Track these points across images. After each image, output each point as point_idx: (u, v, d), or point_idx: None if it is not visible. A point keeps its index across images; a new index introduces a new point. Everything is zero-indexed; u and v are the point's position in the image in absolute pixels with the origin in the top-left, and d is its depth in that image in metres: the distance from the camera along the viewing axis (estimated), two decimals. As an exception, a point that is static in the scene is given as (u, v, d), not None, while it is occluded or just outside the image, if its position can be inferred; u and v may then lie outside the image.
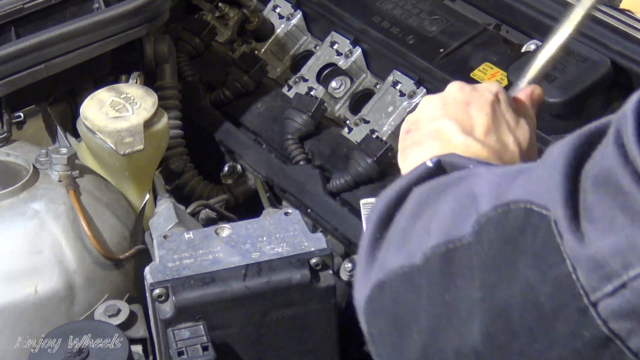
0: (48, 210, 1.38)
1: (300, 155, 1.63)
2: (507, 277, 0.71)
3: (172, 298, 1.21)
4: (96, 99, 1.52)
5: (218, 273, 1.22)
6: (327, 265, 1.26)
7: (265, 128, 1.72)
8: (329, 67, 1.73)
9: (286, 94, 1.74)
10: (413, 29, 1.65)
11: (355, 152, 1.56)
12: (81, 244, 1.38)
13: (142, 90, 1.55)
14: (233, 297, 1.22)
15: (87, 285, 1.37)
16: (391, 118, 1.60)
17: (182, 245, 1.26)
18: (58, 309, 1.35)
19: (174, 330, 1.21)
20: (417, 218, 0.83)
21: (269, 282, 1.23)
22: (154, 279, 1.21)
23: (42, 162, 1.44)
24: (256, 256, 1.24)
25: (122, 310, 1.32)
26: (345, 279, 1.56)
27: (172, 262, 1.23)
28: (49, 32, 1.54)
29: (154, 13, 1.63)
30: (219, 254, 1.24)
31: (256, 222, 1.30)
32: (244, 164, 1.75)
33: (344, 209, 1.57)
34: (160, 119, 1.53)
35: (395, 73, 1.63)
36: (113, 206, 1.45)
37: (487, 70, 1.55)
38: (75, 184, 1.42)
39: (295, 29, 1.82)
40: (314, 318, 1.28)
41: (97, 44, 1.58)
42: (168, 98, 1.73)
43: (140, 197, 1.54)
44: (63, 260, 1.36)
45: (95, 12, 1.60)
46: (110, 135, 1.46)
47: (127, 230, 1.45)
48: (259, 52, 1.82)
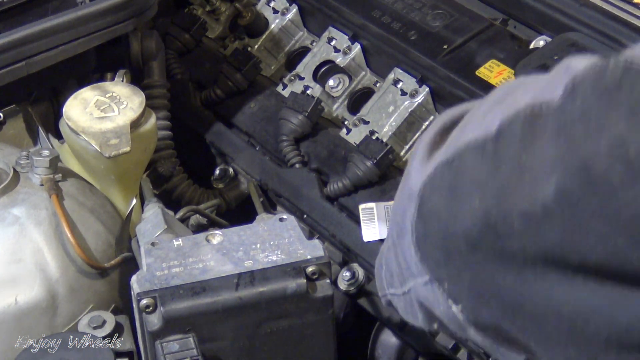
0: (29, 216, 1.38)
1: (296, 158, 1.64)
2: (596, 130, 0.73)
3: (160, 309, 1.21)
4: (80, 99, 1.52)
5: (209, 282, 1.22)
6: (324, 274, 1.26)
7: (259, 129, 1.72)
8: (326, 64, 1.73)
9: (281, 93, 1.74)
10: (415, 24, 1.66)
11: (354, 155, 1.57)
12: (64, 251, 1.37)
13: (128, 89, 1.54)
14: (225, 307, 1.22)
15: (71, 295, 1.37)
16: (392, 118, 1.60)
17: (170, 253, 1.26)
18: (39, 320, 1.35)
19: (162, 342, 1.20)
20: (499, 104, 0.85)
21: (262, 292, 1.23)
22: (141, 289, 1.21)
23: (22, 165, 1.44)
24: (249, 264, 1.24)
25: (108, 321, 1.31)
26: (344, 288, 1.57)
27: (160, 271, 1.23)
28: (29, 27, 1.54)
29: (141, 7, 1.63)
30: (210, 262, 1.24)
31: (249, 229, 1.30)
32: (236, 167, 1.75)
33: (342, 215, 1.57)
34: (147, 119, 1.53)
35: (396, 71, 1.63)
36: (98, 212, 1.45)
37: (493, 67, 1.55)
38: (57, 188, 1.41)
39: (291, 24, 1.82)
40: (311, 330, 1.27)
41: (80, 40, 1.58)
42: (156, 97, 1.73)
43: (127, 201, 1.54)
44: (45, 269, 1.35)
45: (78, 6, 1.60)
46: (95, 137, 1.46)
47: (113, 237, 1.44)
48: (252, 49, 1.82)
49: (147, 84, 1.73)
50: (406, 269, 0.94)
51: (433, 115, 1.60)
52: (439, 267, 0.88)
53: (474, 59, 1.58)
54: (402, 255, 0.94)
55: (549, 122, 0.77)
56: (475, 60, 1.57)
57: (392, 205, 0.99)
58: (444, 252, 0.86)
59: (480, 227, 0.81)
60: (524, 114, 0.80)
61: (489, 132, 0.82)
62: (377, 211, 1.50)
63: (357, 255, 1.55)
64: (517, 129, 0.80)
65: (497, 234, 0.80)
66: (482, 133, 0.83)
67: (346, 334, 1.64)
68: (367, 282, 1.56)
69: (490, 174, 0.81)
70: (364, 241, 1.50)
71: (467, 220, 0.82)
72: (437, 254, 0.87)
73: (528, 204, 0.77)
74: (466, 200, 0.83)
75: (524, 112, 0.80)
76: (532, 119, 0.79)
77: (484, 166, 0.82)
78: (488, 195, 0.81)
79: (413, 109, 1.59)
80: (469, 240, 0.83)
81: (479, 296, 0.85)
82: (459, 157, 0.85)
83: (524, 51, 1.57)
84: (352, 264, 1.57)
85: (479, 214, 0.81)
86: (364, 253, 1.53)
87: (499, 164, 0.81)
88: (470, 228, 0.82)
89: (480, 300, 0.86)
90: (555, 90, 0.78)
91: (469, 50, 1.60)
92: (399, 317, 1.52)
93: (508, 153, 0.80)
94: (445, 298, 0.89)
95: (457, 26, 1.64)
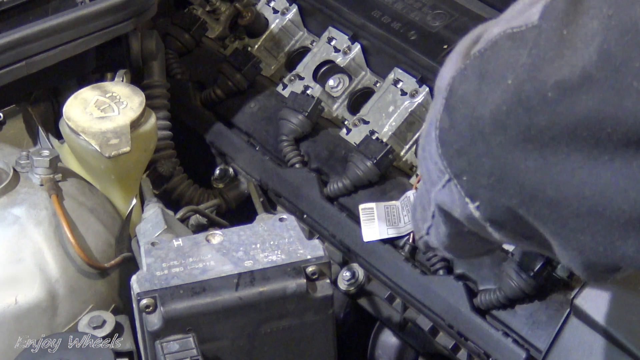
0: (29, 216, 1.38)
1: (296, 158, 1.64)
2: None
3: (160, 309, 1.21)
4: (80, 98, 1.52)
5: (209, 282, 1.22)
6: (324, 274, 1.26)
7: (259, 129, 1.72)
8: (326, 64, 1.73)
9: (281, 93, 1.74)
10: (415, 24, 1.66)
11: (354, 155, 1.57)
12: (64, 251, 1.38)
13: (128, 89, 1.55)
14: (225, 307, 1.22)
15: (71, 295, 1.37)
16: (392, 118, 1.60)
17: (170, 253, 1.26)
18: (39, 321, 1.35)
19: (162, 342, 1.21)
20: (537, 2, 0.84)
21: (262, 292, 1.23)
22: (141, 289, 1.21)
23: (22, 165, 1.44)
24: (249, 264, 1.24)
25: (108, 321, 1.32)
26: (344, 288, 1.57)
27: (160, 271, 1.23)
28: (30, 27, 1.54)
29: (141, 7, 1.63)
30: (210, 262, 1.25)
31: (249, 229, 1.30)
32: (236, 167, 1.75)
33: (342, 215, 1.57)
34: (147, 119, 1.53)
35: (396, 71, 1.63)
36: (98, 211, 1.45)
37: (493, 67, 1.55)
38: (57, 188, 1.42)
39: (291, 24, 1.82)
40: (311, 330, 1.28)
41: (80, 40, 1.58)
42: (156, 97, 1.73)
43: (127, 201, 1.54)
44: (45, 269, 1.36)
45: (78, 6, 1.60)
46: (95, 137, 1.46)
47: (113, 237, 1.45)
48: (252, 49, 1.82)
49: (147, 84, 1.73)
50: (427, 179, 0.93)
51: (433, 115, 1.60)
52: (460, 157, 0.87)
53: (474, 59, 1.58)
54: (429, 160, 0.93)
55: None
56: (475, 60, 1.57)
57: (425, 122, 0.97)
58: (468, 138, 0.85)
59: (511, 103, 0.80)
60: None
61: (530, 22, 0.82)
62: (377, 211, 1.50)
63: (357, 255, 1.55)
64: (560, 6, 0.79)
65: (527, 108, 0.79)
66: (520, 23, 0.83)
67: (346, 334, 1.64)
68: (367, 282, 1.56)
69: (527, 52, 0.80)
70: (364, 241, 1.51)
71: (498, 98, 0.82)
72: (459, 142, 0.86)
73: (566, 72, 0.77)
74: (498, 81, 0.82)
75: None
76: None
77: (521, 49, 0.81)
78: (522, 72, 0.80)
79: (413, 109, 1.60)
80: (496, 119, 0.82)
81: (497, 183, 0.85)
82: (492, 46, 0.84)
83: (524, 51, 1.57)
84: (352, 264, 1.58)
85: (511, 88, 0.80)
86: (364, 253, 1.53)
87: (537, 42, 0.80)
88: (500, 105, 0.81)
89: (498, 188, 0.85)
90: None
91: (469, 50, 1.60)
92: (399, 317, 1.53)
93: (548, 29, 0.80)
94: (462, 197, 0.89)
95: (457, 26, 1.64)
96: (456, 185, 0.89)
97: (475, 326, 1.40)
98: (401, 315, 1.53)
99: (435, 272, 1.46)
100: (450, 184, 0.90)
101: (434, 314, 1.45)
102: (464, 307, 1.41)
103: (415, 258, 1.49)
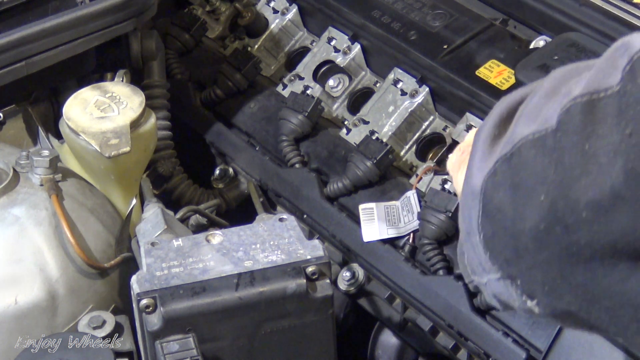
0: (29, 216, 1.39)
1: (296, 158, 1.64)
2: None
3: (160, 309, 1.21)
4: (80, 99, 1.52)
5: (209, 282, 1.22)
6: (324, 274, 1.27)
7: (259, 129, 1.73)
8: (326, 64, 1.73)
9: (281, 93, 1.74)
10: (415, 24, 1.66)
11: (353, 155, 1.57)
12: (64, 251, 1.38)
13: (128, 89, 1.55)
14: (225, 307, 1.23)
15: (70, 295, 1.37)
16: (392, 118, 1.61)
17: (170, 253, 1.26)
18: (39, 321, 1.35)
19: (162, 342, 1.21)
20: (554, 95, 0.85)
21: (262, 292, 1.23)
22: (141, 289, 1.22)
23: (22, 165, 1.44)
24: (249, 264, 1.24)
25: (108, 321, 1.32)
26: (344, 288, 1.57)
27: (160, 271, 1.24)
28: (29, 27, 1.54)
29: (141, 7, 1.63)
30: (210, 262, 1.25)
31: (249, 229, 1.31)
32: (236, 167, 1.76)
33: (342, 215, 1.57)
34: (147, 119, 1.53)
35: (396, 71, 1.64)
36: (98, 212, 1.46)
37: (493, 67, 1.56)
38: (57, 188, 1.42)
39: (291, 24, 1.83)
40: (311, 330, 1.28)
41: (80, 40, 1.59)
42: (156, 97, 1.73)
43: (127, 202, 1.54)
44: (45, 269, 1.36)
45: (78, 6, 1.60)
46: (95, 137, 1.47)
47: (113, 237, 1.45)
48: (252, 49, 1.83)
49: (147, 84, 1.73)
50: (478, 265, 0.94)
51: (433, 115, 1.61)
52: (509, 265, 0.88)
53: (474, 59, 1.59)
54: (473, 252, 0.94)
55: (609, 106, 0.77)
56: (475, 60, 1.58)
57: (460, 202, 0.98)
58: (513, 251, 0.86)
59: (548, 222, 0.81)
60: (581, 103, 0.79)
61: (548, 126, 0.82)
62: (377, 211, 1.51)
63: (357, 255, 1.55)
64: (576, 118, 0.80)
65: (564, 226, 0.80)
66: (539, 127, 0.83)
67: (346, 334, 1.64)
68: (367, 282, 1.57)
69: (554, 167, 0.81)
70: (364, 241, 1.51)
71: (535, 215, 0.82)
72: (506, 252, 0.87)
73: (596, 192, 0.78)
74: (531, 195, 0.83)
75: (582, 101, 0.80)
76: (591, 106, 0.79)
77: (546, 160, 0.82)
78: (553, 188, 0.81)
79: (413, 109, 1.60)
80: (537, 237, 0.83)
81: (552, 291, 0.86)
82: (517, 153, 0.85)
83: (524, 51, 1.57)
84: (352, 264, 1.58)
85: (546, 206, 0.81)
86: (364, 253, 1.53)
87: (561, 156, 0.80)
88: (538, 223, 0.82)
89: (554, 295, 0.86)
90: (613, 73, 0.78)
91: (469, 50, 1.60)
92: (399, 317, 1.54)
93: (570, 144, 0.80)
94: (519, 294, 0.89)
95: (457, 26, 1.64)
96: (511, 284, 0.90)
97: (475, 326, 1.40)
98: (401, 316, 1.53)
99: (435, 272, 1.46)
100: (505, 282, 0.90)
101: (434, 314, 1.46)
102: (464, 307, 1.41)
103: (415, 258, 1.50)
